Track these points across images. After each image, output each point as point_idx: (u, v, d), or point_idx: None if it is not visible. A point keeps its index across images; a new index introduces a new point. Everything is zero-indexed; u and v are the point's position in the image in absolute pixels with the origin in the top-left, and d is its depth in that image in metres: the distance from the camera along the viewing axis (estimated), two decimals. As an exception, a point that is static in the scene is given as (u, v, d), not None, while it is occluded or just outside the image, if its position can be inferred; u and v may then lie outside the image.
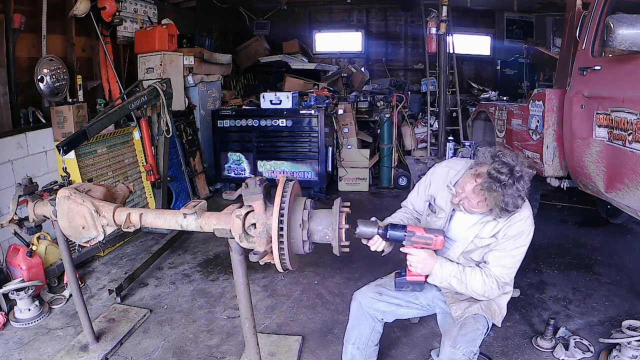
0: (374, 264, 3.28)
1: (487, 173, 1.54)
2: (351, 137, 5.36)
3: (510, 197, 1.52)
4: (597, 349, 2.28)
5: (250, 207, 1.48)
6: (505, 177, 1.51)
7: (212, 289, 3.04)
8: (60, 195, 1.74)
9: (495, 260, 1.67)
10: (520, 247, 1.66)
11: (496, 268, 1.66)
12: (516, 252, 1.67)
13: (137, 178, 4.01)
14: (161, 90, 3.47)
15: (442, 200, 1.81)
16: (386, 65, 8.22)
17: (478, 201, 1.60)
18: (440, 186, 1.82)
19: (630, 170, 2.25)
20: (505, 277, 1.68)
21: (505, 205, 1.53)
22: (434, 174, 1.88)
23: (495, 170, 1.53)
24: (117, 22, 4.13)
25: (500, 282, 1.67)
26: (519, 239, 1.66)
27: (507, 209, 1.55)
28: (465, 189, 1.62)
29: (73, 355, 2.28)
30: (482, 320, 1.71)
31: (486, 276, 1.66)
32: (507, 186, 1.51)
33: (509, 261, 1.67)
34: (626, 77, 2.32)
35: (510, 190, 1.51)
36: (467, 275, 1.65)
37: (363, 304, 1.86)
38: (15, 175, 3.08)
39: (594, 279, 3.06)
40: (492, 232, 1.68)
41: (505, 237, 1.65)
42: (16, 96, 3.21)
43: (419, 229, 1.60)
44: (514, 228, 1.65)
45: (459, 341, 1.63)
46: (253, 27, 7.66)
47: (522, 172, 1.56)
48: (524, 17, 7.51)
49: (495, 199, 1.54)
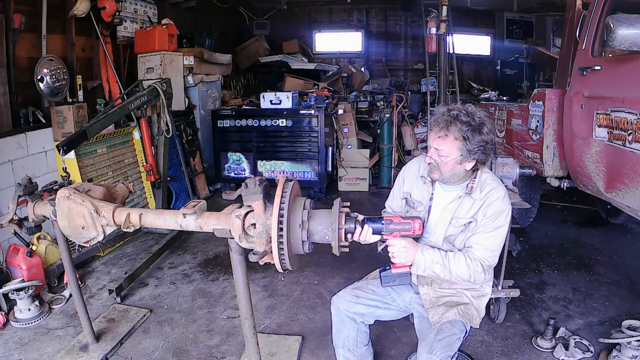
0: (374, 264, 3.27)
1: None
2: (351, 137, 5.37)
3: (467, 125, 1.59)
4: (597, 349, 2.28)
5: (250, 207, 1.48)
6: (457, 111, 1.61)
7: (212, 289, 3.04)
8: (60, 195, 1.74)
9: (478, 243, 1.67)
10: (500, 227, 1.67)
11: (479, 251, 1.66)
12: (497, 232, 1.67)
13: (137, 178, 4.01)
14: (161, 90, 3.47)
15: (418, 194, 1.84)
16: (386, 65, 8.23)
17: (444, 145, 1.63)
18: (414, 180, 1.86)
19: (630, 170, 2.25)
20: (489, 259, 1.67)
21: (468, 133, 1.58)
22: (406, 171, 1.92)
23: (447, 110, 1.65)
24: (117, 22, 4.12)
25: (485, 266, 1.67)
26: (499, 219, 1.67)
27: (472, 138, 1.59)
28: (430, 142, 1.68)
29: (73, 355, 2.28)
30: (459, 325, 1.69)
31: (470, 260, 1.65)
32: (460, 116, 1.59)
33: (491, 242, 1.67)
34: (626, 77, 2.32)
35: (466, 119, 1.59)
36: (451, 261, 1.65)
37: (341, 307, 1.84)
38: (15, 175, 3.08)
39: (594, 279, 3.06)
40: (469, 212, 1.69)
41: (485, 218, 1.67)
42: (16, 96, 3.21)
43: (396, 217, 1.61)
44: (492, 208, 1.66)
45: (435, 346, 1.61)
46: (253, 27, 7.66)
47: (474, 110, 1.64)
48: (524, 17, 7.52)
49: (455, 133, 1.60)
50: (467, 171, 1.70)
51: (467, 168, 1.67)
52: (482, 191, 1.69)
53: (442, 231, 1.75)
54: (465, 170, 1.68)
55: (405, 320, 2.38)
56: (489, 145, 1.64)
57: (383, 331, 2.46)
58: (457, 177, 1.70)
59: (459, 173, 1.69)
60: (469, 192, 1.70)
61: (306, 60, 7.45)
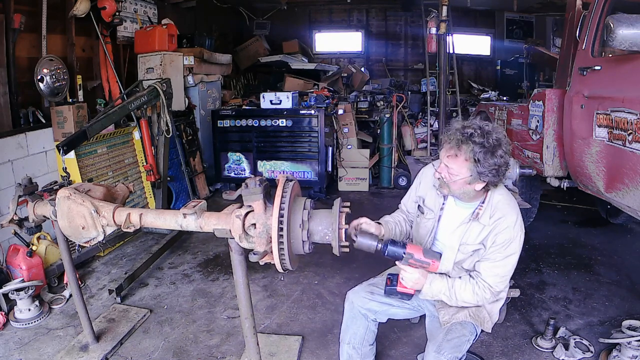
0: (374, 264, 3.27)
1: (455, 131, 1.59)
2: (351, 137, 5.36)
3: (480, 147, 1.51)
4: (597, 349, 2.28)
5: (250, 207, 1.48)
6: (472, 129, 1.54)
7: (212, 289, 3.04)
8: (60, 195, 1.74)
9: (487, 270, 1.64)
10: (511, 255, 1.62)
11: (489, 278, 1.63)
12: (507, 260, 1.63)
13: (137, 178, 4.01)
14: (161, 90, 3.47)
15: (430, 201, 1.81)
16: (386, 65, 8.23)
17: (454, 164, 1.57)
18: (429, 186, 1.82)
19: (630, 170, 2.25)
20: (499, 285, 1.65)
21: (480, 155, 1.51)
22: (423, 174, 1.89)
23: (462, 127, 1.57)
24: (117, 22, 4.12)
25: (494, 291, 1.64)
26: (510, 247, 1.61)
27: (483, 161, 1.52)
28: (441, 157, 1.64)
29: (73, 355, 2.28)
30: (470, 326, 1.69)
31: (478, 287, 1.63)
32: (474, 135, 1.52)
33: (500, 270, 1.63)
34: (626, 77, 2.32)
35: (480, 140, 1.51)
36: (457, 291, 1.64)
37: (355, 303, 1.85)
38: (15, 175, 3.08)
39: (594, 279, 3.06)
40: (478, 238, 1.65)
41: (495, 245, 1.61)
42: (16, 96, 3.21)
43: (418, 251, 1.59)
44: (502, 236, 1.60)
45: (443, 347, 1.61)
46: (253, 27, 7.66)
47: (491, 129, 1.56)
48: (524, 17, 7.52)
49: (466, 154, 1.53)
50: (478, 191, 1.64)
51: (477, 189, 1.62)
52: (492, 217, 1.63)
53: (451, 258, 1.71)
54: (475, 190, 1.63)
55: (405, 321, 2.39)
56: (502, 169, 1.57)
57: (383, 331, 2.45)
58: (468, 196, 1.66)
59: (468, 192, 1.64)
60: (476, 218, 1.65)
61: (306, 60, 7.45)
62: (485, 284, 1.63)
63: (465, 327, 1.68)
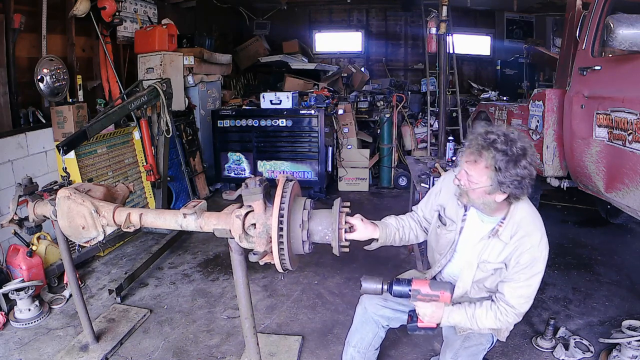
0: (374, 264, 3.28)
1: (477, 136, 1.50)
2: (351, 137, 5.37)
3: (502, 154, 1.41)
4: (597, 349, 2.28)
5: (250, 207, 1.48)
6: (495, 135, 1.45)
7: (212, 289, 3.04)
8: (60, 195, 1.74)
9: (511, 292, 1.55)
10: (535, 275, 1.53)
11: (513, 299, 1.55)
12: (532, 280, 1.53)
13: (137, 178, 4.01)
14: (161, 90, 3.47)
15: (451, 211, 1.71)
16: (386, 65, 8.22)
17: (474, 171, 1.48)
18: (450, 195, 1.72)
19: (630, 170, 2.25)
20: (523, 306, 1.56)
21: (502, 163, 1.41)
22: (445, 181, 1.79)
23: (485, 132, 1.48)
24: (117, 22, 4.12)
25: (517, 313, 1.56)
26: (534, 267, 1.52)
27: (504, 170, 1.42)
28: (461, 163, 1.54)
29: (73, 355, 2.28)
30: (488, 336, 1.67)
31: (500, 313, 1.55)
32: (497, 142, 1.43)
33: (525, 291, 1.54)
34: (626, 77, 2.32)
35: (503, 147, 1.42)
36: (478, 320, 1.56)
37: (369, 309, 1.83)
38: (15, 175, 3.08)
39: (594, 279, 3.06)
40: (499, 257, 1.56)
41: (518, 266, 1.52)
42: (16, 96, 3.21)
43: (424, 285, 1.52)
44: (526, 255, 1.51)
45: (460, 354, 1.60)
46: (253, 27, 7.66)
47: (517, 137, 1.45)
48: (524, 17, 7.51)
49: (487, 161, 1.44)
50: (499, 203, 1.53)
51: (497, 200, 1.51)
52: (514, 235, 1.54)
53: (469, 277, 1.63)
54: (495, 202, 1.52)
55: (406, 321, 2.39)
56: (525, 181, 1.45)
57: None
58: (489, 207, 1.55)
59: (489, 203, 1.53)
60: (496, 235, 1.56)
61: (306, 60, 7.45)
62: (509, 308, 1.55)
63: (483, 336, 1.66)
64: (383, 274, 2.07)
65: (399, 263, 3.34)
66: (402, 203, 4.68)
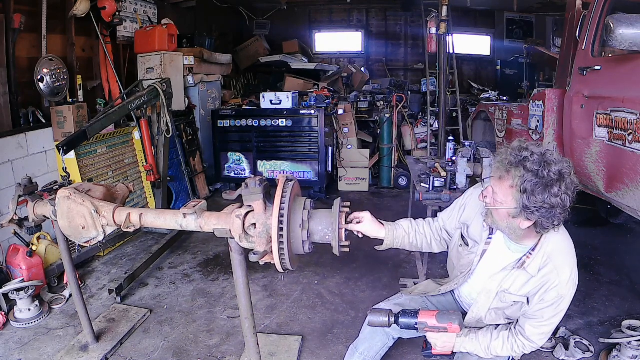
0: (374, 264, 3.28)
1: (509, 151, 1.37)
2: (351, 137, 5.37)
3: (533, 175, 1.27)
4: (597, 349, 2.28)
5: (250, 207, 1.48)
6: (528, 153, 1.31)
7: (212, 289, 3.04)
8: (60, 195, 1.74)
9: (533, 329, 1.46)
10: (559, 313, 1.44)
11: (534, 336, 1.47)
12: (555, 319, 1.45)
13: (137, 178, 4.01)
14: (161, 90, 3.47)
15: (476, 232, 1.59)
16: (386, 65, 8.22)
17: (499, 188, 1.37)
18: (475, 213, 1.60)
19: (630, 170, 2.25)
20: (544, 341, 1.50)
21: (530, 185, 1.27)
22: (471, 197, 1.65)
23: (519, 148, 1.34)
24: (117, 22, 4.13)
25: (535, 347, 1.50)
26: (560, 305, 1.41)
27: (531, 194, 1.28)
28: (490, 180, 1.43)
29: (73, 355, 2.28)
30: (504, 358, 1.63)
31: (518, 346, 1.49)
32: (528, 160, 1.29)
33: (547, 329, 1.47)
34: (626, 77, 2.32)
35: (534, 168, 1.27)
36: (492, 350, 1.50)
37: None
38: (15, 175, 3.08)
39: (594, 279, 3.06)
40: (523, 289, 1.45)
41: (543, 303, 1.42)
42: (16, 96, 3.21)
43: (431, 318, 1.47)
44: (552, 293, 1.39)
45: None
46: (253, 27, 7.66)
47: (556, 159, 1.30)
48: (524, 17, 7.51)
49: (514, 180, 1.30)
50: (526, 230, 1.38)
51: (522, 227, 1.37)
52: (542, 269, 1.41)
53: (485, 304, 1.54)
54: (521, 228, 1.38)
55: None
56: (556, 211, 1.30)
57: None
58: (515, 234, 1.42)
59: (514, 229, 1.40)
60: (522, 267, 1.44)
61: (306, 60, 7.45)
62: (528, 343, 1.48)
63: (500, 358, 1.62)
64: (383, 272, 2.07)
65: (399, 263, 3.34)
66: (402, 203, 4.68)
